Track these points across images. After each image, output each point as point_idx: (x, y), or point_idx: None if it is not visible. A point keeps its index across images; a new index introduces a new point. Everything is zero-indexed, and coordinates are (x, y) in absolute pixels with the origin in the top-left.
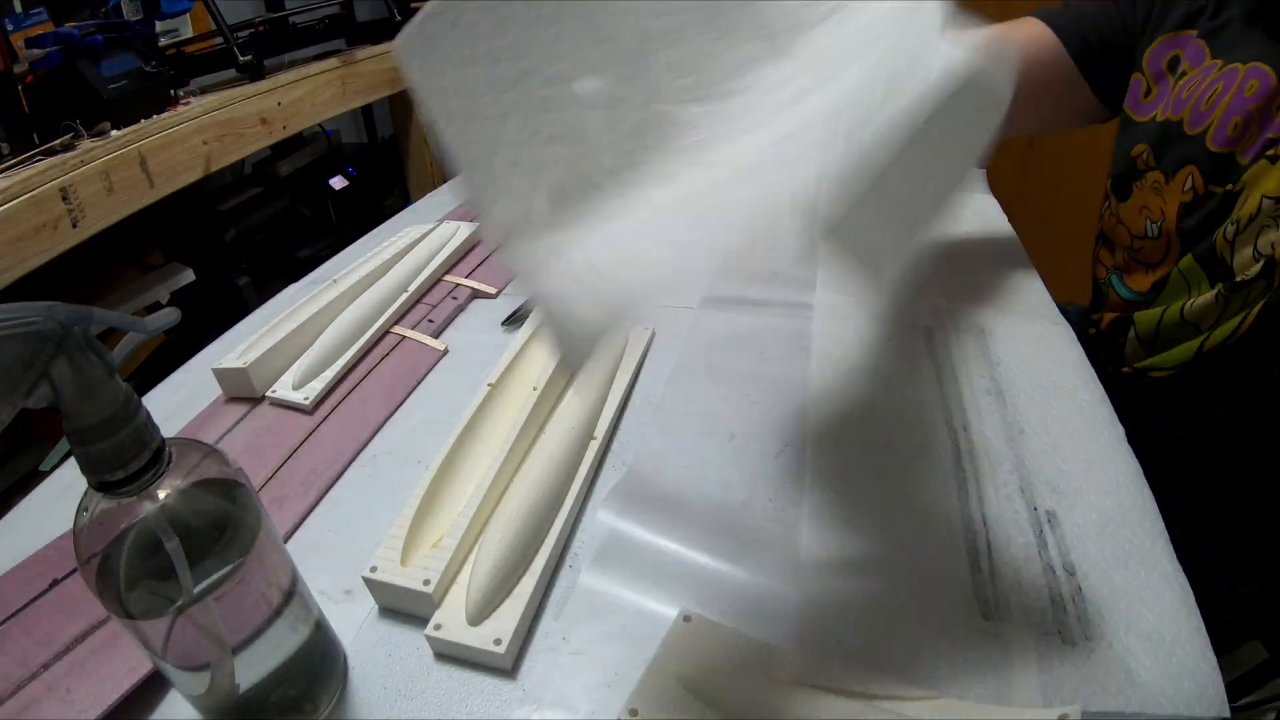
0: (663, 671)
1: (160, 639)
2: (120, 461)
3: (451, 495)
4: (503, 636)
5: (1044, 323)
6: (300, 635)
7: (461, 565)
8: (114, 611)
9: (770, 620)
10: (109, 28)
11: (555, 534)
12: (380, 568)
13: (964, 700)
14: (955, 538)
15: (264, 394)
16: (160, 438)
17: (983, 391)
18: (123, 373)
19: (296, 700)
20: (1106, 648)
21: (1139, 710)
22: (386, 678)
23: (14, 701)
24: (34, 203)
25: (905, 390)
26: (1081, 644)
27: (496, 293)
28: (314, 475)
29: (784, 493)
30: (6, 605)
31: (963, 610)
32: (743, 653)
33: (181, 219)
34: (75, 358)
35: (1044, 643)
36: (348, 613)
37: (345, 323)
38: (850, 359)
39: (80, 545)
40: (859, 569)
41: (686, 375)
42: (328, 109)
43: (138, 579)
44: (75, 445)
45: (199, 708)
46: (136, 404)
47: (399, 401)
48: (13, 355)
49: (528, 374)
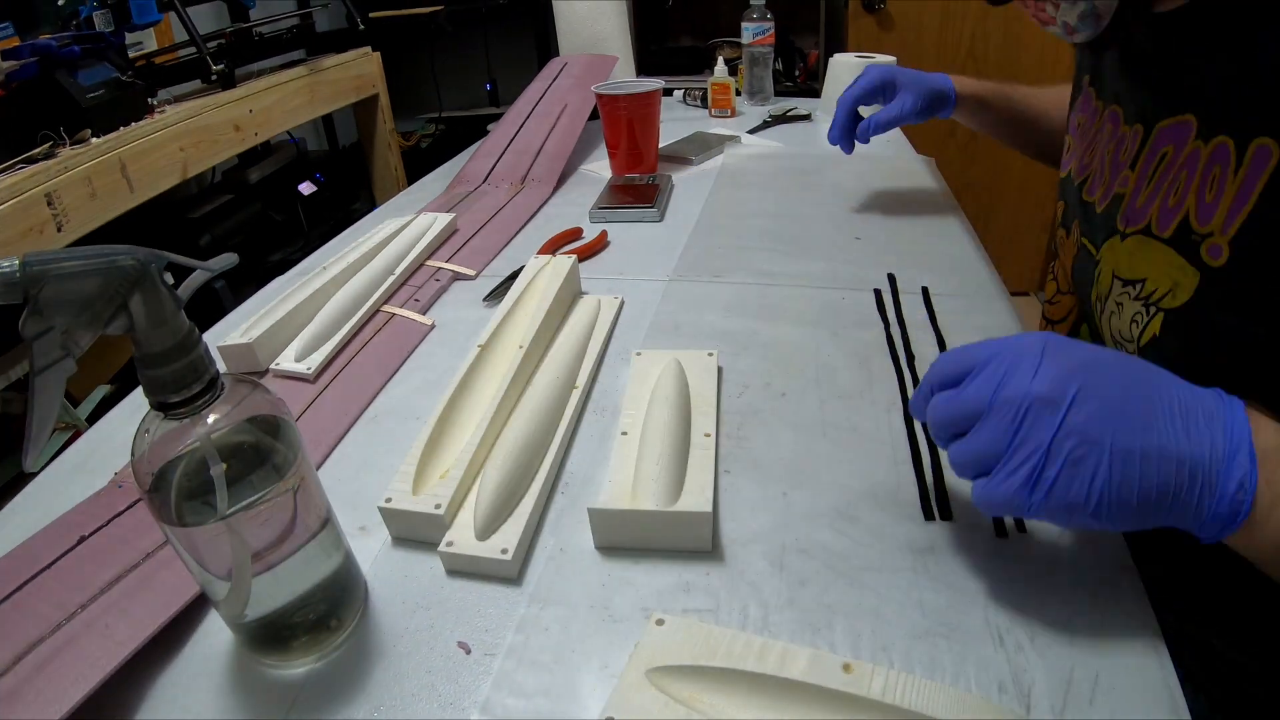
0: (638, 675)
1: (203, 548)
2: (180, 386)
3: (453, 437)
4: (509, 546)
5: (985, 284)
6: (334, 561)
7: (467, 493)
8: (165, 519)
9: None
10: (85, 39)
11: (548, 464)
12: (394, 499)
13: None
14: (900, 450)
15: (268, 367)
16: (215, 370)
17: (925, 334)
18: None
19: (325, 617)
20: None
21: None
22: (404, 595)
23: (55, 639)
24: (20, 208)
25: (853, 334)
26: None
27: (475, 274)
28: (321, 434)
29: (745, 428)
30: (38, 560)
31: (907, 512)
32: (717, 646)
33: (156, 226)
34: (149, 292)
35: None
36: (364, 546)
37: (339, 302)
38: (804, 313)
39: (140, 463)
40: (813, 482)
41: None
42: (297, 115)
43: (187, 495)
44: (143, 369)
45: (233, 625)
46: (197, 337)
47: (394, 369)
48: (97, 288)
49: (513, 336)
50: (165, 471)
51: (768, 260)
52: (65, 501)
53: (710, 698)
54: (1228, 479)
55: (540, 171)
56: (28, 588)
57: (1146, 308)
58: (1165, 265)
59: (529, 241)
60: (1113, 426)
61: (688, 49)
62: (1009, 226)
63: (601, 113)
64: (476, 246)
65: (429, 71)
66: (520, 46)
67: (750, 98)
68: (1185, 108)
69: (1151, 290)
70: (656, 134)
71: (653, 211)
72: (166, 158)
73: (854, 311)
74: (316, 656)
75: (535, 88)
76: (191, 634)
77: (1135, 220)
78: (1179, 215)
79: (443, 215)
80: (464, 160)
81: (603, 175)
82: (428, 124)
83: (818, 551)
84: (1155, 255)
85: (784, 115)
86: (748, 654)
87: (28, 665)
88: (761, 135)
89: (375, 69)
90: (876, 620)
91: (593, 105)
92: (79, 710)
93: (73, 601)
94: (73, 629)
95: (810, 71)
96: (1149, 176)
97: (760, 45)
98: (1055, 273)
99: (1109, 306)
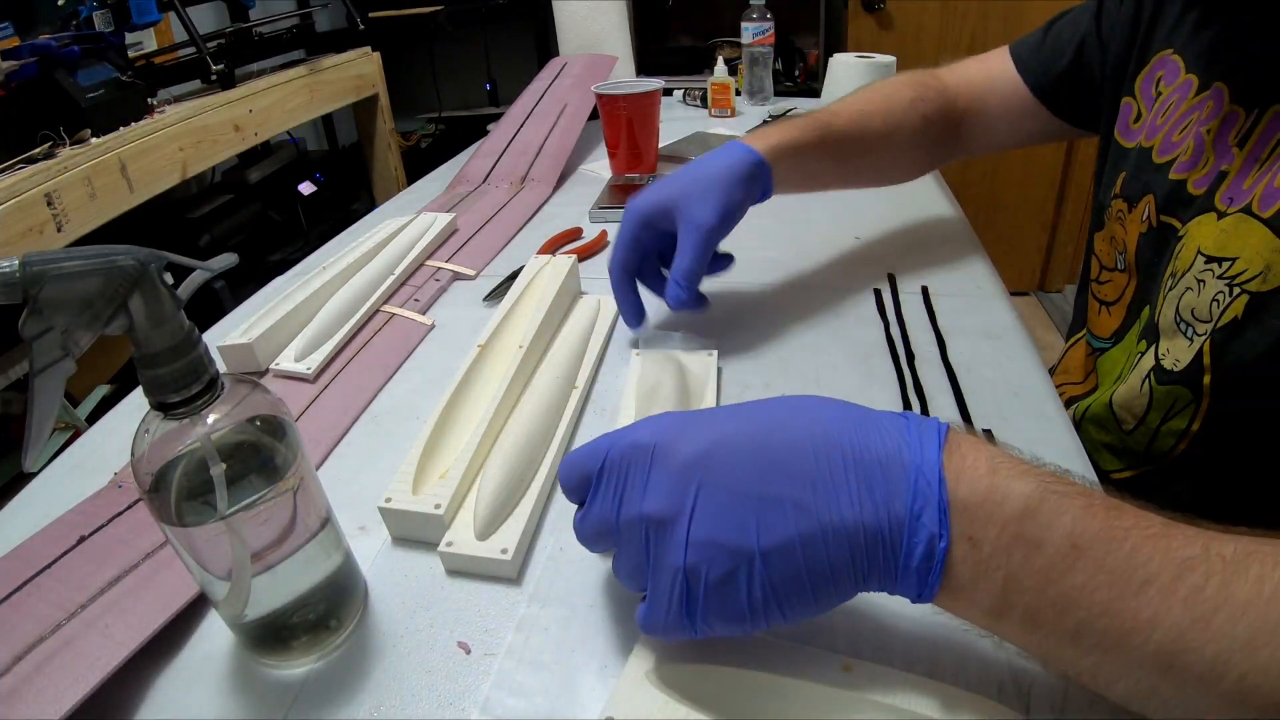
0: (638, 675)
1: (202, 548)
2: (180, 385)
3: (453, 437)
4: (508, 546)
5: (985, 284)
6: (333, 561)
7: (467, 492)
8: (165, 519)
9: None
10: (84, 39)
11: (548, 464)
12: (394, 498)
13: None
14: None
15: (267, 367)
16: (215, 369)
17: (925, 334)
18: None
19: (325, 617)
20: None
21: None
22: (403, 595)
23: (54, 639)
24: (20, 208)
25: (853, 334)
26: None
27: (475, 274)
28: (321, 434)
29: None
30: (37, 561)
31: None
32: (717, 646)
33: (156, 226)
34: (149, 291)
35: None
36: (364, 546)
37: (339, 302)
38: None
39: (140, 463)
40: None
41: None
42: (296, 116)
43: (187, 495)
44: (143, 369)
45: (233, 625)
46: (197, 337)
47: (394, 369)
48: (96, 288)
49: (513, 335)
50: (165, 471)
51: (767, 260)
52: (65, 501)
53: (710, 698)
54: (914, 542)
55: (540, 171)
56: (27, 588)
57: (1230, 288)
58: (1260, 246)
59: (529, 241)
60: (751, 523)
61: (688, 49)
62: (1009, 226)
63: (601, 113)
64: (476, 246)
65: (429, 71)
66: (520, 46)
67: (750, 98)
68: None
69: (1240, 270)
70: (656, 134)
71: None
72: (166, 158)
73: (854, 311)
74: (316, 656)
75: (535, 88)
76: (191, 634)
77: (1238, 199)
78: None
79: (443, 215)
80: (464, 160)
81: (603, 175)
82: (428, 124)
83: None
84: (1251, 235)
85: (784, 115)
86: (747, 654)
87: (28, 665)
88: None
89: (375, 69)
90: (876, 620)
91: (592, 105)
92: (79, 710)
93: (73, 601)
94: (73, 629)
95: (810, 71)
96: (1260, 159)
97: (760, 45)
98: (1097, 250)
99: (1186, 282)
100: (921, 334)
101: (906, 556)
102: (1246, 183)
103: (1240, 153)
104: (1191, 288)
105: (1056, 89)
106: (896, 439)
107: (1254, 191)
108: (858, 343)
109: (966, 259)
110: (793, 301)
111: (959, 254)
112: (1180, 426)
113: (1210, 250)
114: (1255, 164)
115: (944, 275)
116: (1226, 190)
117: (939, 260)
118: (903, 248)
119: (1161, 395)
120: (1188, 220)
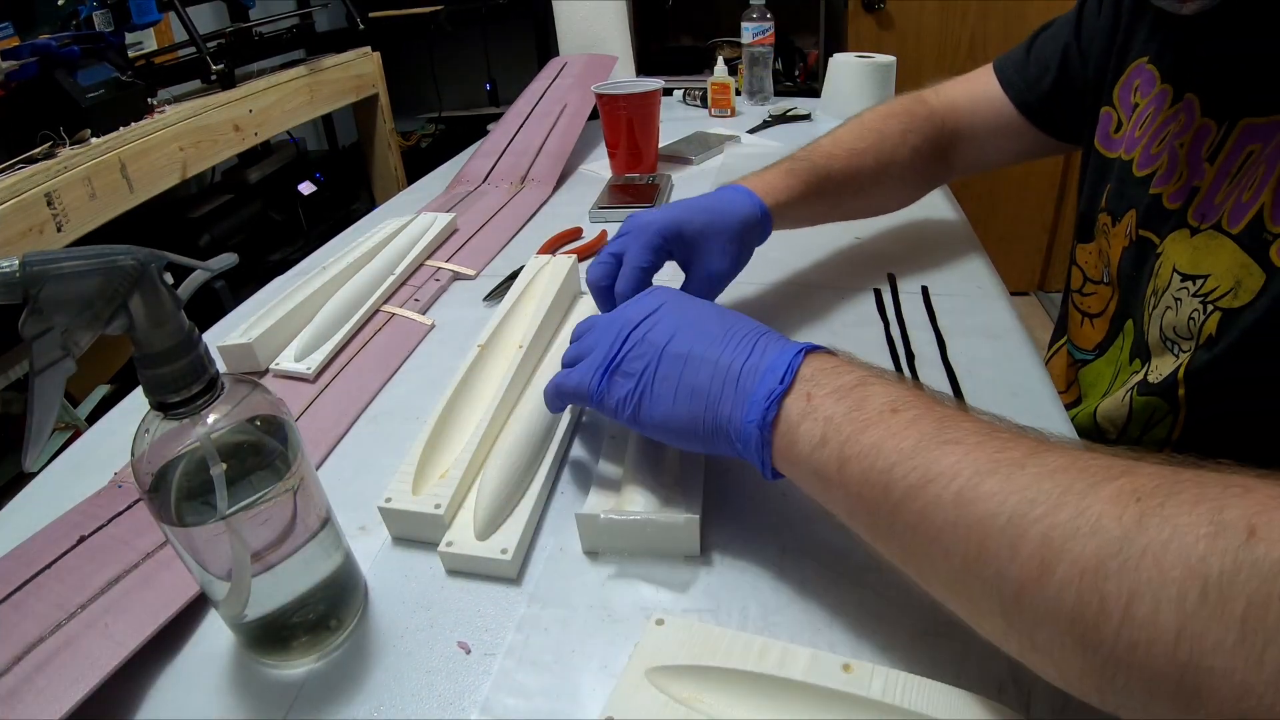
0: (637, 675)
1: (202, 548)
2: (180, 385)
3: (453, 437)
4: (508, 546)
5: (985, 284)
6: (334, 561)
7: (467, 492)
8: (165, 519)
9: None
10: (84, 39)
11: (547, 464)
12: (394, 498)
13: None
14: None
15: (267, 367)
16: (215, 370)
17: (925, 334)
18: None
19: (325, 617)
20: None
21: None
22: (403, 595)
23: (54, 639)
24: (20, 208)
25: (853, 334)
26: None
27: (475, 274)
28: (321, 434)
29: None
30: (37, 561)
31: None
32: (717, 646)
33: (156, 226)
34: (149, 291)
35: None
36: (364, 546)
37: (339, 302)
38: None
39: (140, 462)
40: None
41: None
42: (297, 115)
43: (187, 495)
44: (143, 369)
45: (233, 625)
46: (197, 337)
47: (394, 369)
48: (97, 288)
49: (513, 335)
50: (165, 471)
51: (767, 260)
52: (65, 501)
53: (710, 698)
54: (760, 388)
55: (540, 171)
56: (28, 588)
57: (1205, 305)
58: (1230, 263)
59: (529, 241)
60: (674, 336)
61: (688, 49)
62: (1009, 226)
63: (601, 112)
64: (476, 246)
65: (429, 71)
66: (520, 46)
67: (750, 98)
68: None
69: (1213, 288)
70: (656, 134)
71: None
72: (166, 158)
73: (854, 311)
74: (316, 656)
75: (535, 87)
76: (191, 634)
77: (1210, 216)
78: (1252, 210)
79: (443, 215)
80: (464, 160)
81: (603, 175)
82: (427, 124)
83: (818, 551)
84: (1222, 252)
85: (784, 115)
86: (748, 654)
87: (28, 665)
88: (761, 135)
89: (375, 69)
90: (876, 620)
91: (592, 105)
92: (79, 710)
93: (73, 601)
94: (73, 629)
95: (810, 71)
96: (1230, 174)
97: (760, 45)
98: (1081, 261)
99: (1166, 301)
100: (921, 334)
101: (754, 393)
102: (1218, 198)
103: (1211, 168)
104: (1171, 306)
105: (1042, 105)
106: (786, 341)
107: (1224, 207)
108: (858, 343)
109: (966, 259)
110: (793, 301)
111: (959, 254)
112: (1161, 436)
113: (1184, 268)
114: (1226, 179)
115: (944, 275)
116: (1198, 206)
117: (939, 260)
118: (903, 248)
119: (1140, 407)
120: (1164, 235)
